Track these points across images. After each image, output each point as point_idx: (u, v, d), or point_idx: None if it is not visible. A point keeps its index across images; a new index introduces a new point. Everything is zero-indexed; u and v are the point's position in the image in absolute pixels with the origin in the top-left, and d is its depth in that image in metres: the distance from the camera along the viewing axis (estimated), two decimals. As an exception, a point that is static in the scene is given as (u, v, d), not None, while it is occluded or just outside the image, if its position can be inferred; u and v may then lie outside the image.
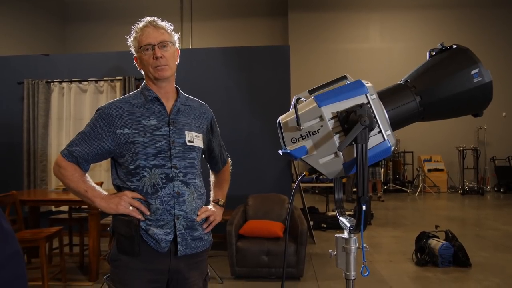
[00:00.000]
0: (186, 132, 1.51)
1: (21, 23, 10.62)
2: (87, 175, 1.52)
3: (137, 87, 5.30)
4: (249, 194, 4.43)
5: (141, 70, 1.56)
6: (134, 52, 1.56)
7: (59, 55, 7.91)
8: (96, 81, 5.44)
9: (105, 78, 5.42)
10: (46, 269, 3.36)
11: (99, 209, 1.49)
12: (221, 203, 1.68)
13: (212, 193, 1.74)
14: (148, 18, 1.53)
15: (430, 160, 10.96)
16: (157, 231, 1.44)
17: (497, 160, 10.91)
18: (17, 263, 0.80)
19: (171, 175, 1.46)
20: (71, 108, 5.44)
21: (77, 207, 4.63)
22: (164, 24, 1.53)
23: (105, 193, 1.48)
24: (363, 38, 11.74)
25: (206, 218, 1.58)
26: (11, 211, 3.59)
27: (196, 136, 1.54)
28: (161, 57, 1.47)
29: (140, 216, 1.43)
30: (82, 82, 5.45)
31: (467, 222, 6.85)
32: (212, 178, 1.80)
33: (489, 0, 11.33)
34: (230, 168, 1.83)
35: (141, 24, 1.52)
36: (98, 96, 5.45)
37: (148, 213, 1.44)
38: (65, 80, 5.45)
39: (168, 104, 1.54)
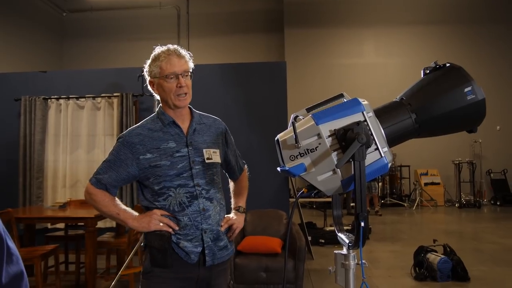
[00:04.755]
0: (204, 150, 1.60)
1: (18, 40, 10.68)
2: (116, 198, 1.62)
3: (135, 103, 5.36)
4: (247, 210, 4.41)
5: (156, 94, 1.63)
6: (149, 76, 1.61)
7: (56, 71, 7.95)
8: (94, 98, 5.45)
9: (102, 95, 5.45)
10: (41, 288, 3.31)
11: (133, 229, 1.63)
12: (241, 210, 1.77)
13: (232, 201, 1.83)
14: (171, 46, 1.59)
15: (426, 174, 10.99)
16: (187, 244, 1.54)
17: (493, 173, 10.96)
18: (22, 283, 0.80)
19: (195, 193, 1.55)
20: (68, 125, 5.44)
21: (73, 224, 4.59)
22: (185, 53, 1.61)
23: (136, 213, 1.58)
24: (358, 54, 11.89)
25: (229, 227, 1.67)
26: (6, 229, 3.54)
27: (213, 152, 1.63)
28: (184, 86, 1.55)
29: (170, 230, 1.53)
30: (80, 99, 5.46)
31: (465, 235, 6.84)
32: (231, 185, 1.88)
33: (483, 17, 11.55)
34: (247, 174, 1.91)
35: (164, 51, 1.58)
36: (96, 112, 5.47)
37: (177, 228, 1.53)
38: (62, 96, 5.47)
39: (184, 126, 1.62)
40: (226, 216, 1.67)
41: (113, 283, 3.55)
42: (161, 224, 1.52)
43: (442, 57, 1.32)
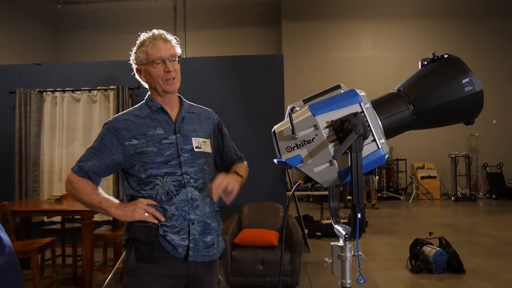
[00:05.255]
0: (193, 138, 1.55)
1: (13, 33, 10.58)
2: (99, 187, 1.54)
3: (131, 96, 5.33)
4: (244, 203, 4.42)
5: (144, 82, 1.59)
6: (135, 63, 1.57)
7: (52, 64, 7.88)
8: (89, 91, 5.42)
9: (98, 88, 5.41)
10: (38, 281, 3.31)
11: (116, 218, 1.51)
12: (238, 174, 1.61)
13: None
14: (156, 31, 1.54)
15: (423, 168, 11.03)
16: (174, 237, 1.47)
17: (489, 167, 11.02)
18: (15, 275, 0.79)
19: (183, 181, 1.49)
20: (64, 118, 5.41)
21: (70, 217, 4.58)
22: (171, 37, 1.56)
23: (119, 202, 1.52)
24: (356, 47, 11.87)
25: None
26: (2, 222, 3.53)
27: (203, 141, 1.57)
28: (172, 70, 1.51)
29: (156, 221, 1.45)
30: (75, 92, 5.42)
31: (460, 228, 6.89)
32: None
33: (481, 10, 11.54)
34: (247, 167, 1.74)
35: (149, 36, 1.53)
36: (92, 105, 5.43)
37: (163, 219, 1.46)
38: (57, 89, 5.43)
39: (173, 113, 1.57)
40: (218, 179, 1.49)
41: (110, 276, 3.56)
42: (147, 214, 1.44)
43: (440, 51, 1.31)
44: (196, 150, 1.54)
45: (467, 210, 9.03)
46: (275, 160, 1.18)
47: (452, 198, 10.42)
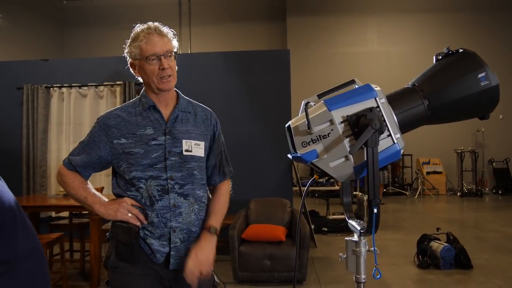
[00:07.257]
0: (184, 141, 1.45)
1: (20, 29, 10.61)
2: (88, 182, 1.52)
3: (137, 92, 5.33)
4: (251, 198, 4.42)
5: (139, 77, 1.50)
6: (129, 58, 1.47)
7: (59, 60, 7.91)
8: (96, 86, 5.43)
9: (105, 83, 5.42)
10: (47, 275, 3.34)
11: (99, 215, 1.46)
12: (212, 230, 1.47)
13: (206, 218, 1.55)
14: (151, 24, 1.44)
15: (428, 163, 10.99)
16: (154, 241, 1.42)
17: (495, 162, 10.96)
18: (37, 258, 0.82)
19: (167, 187, 1.42)
20: (71, 113, 5.42)
21: (78, 212, 4.61)
22: (167, 31, 1.47)
23: (105, 199, 1.47)
24: (361, 42, 11.80)
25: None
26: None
27: (195, 144, 1.48)
28: (167, 68, 1.42)
29: (138, 223, 1.41)
30: (82, 87, 5.43)
31: (467, 224, 6.87)
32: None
33: (486, 4, 11.43)
34: (229, 187, 1.63)
35: (144, 30, 1.44)
36: (98, 101, 5.44)
37: (145, 222, 1.42)
38: (64, 85, 5.44)
39: (166, 111, 1.49)
40: (188, 265, 1.38)
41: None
42: (130, 215, 1.39)
43: (445, 45, 1.30)
44: (185, 153, 1.44)
45: (473, 206, 8.99)
46: (289, 155, 1.18)
47: (458, 194, 10.38)
